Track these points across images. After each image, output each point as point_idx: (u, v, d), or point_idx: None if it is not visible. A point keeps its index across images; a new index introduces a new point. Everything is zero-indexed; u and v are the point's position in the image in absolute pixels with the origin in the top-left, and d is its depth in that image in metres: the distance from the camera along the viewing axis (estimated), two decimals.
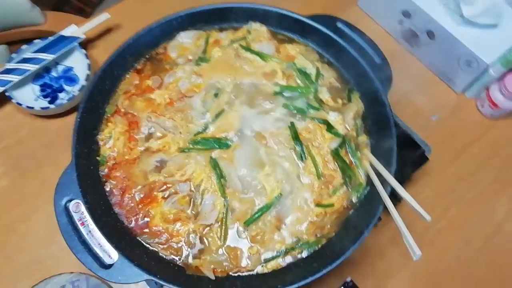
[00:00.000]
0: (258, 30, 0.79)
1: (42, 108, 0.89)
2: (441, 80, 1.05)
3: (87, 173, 0.66)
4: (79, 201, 0.62)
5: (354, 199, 0.69)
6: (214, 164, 0.68)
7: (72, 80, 1.00)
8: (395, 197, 0.64)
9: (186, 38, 0.80)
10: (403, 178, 0.73)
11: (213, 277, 0.62)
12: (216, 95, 0.74)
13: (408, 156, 0.80)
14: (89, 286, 0.78)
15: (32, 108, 0.88)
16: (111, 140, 0.71)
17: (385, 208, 0.82)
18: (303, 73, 0.76)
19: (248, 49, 0.77)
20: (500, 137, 0.98)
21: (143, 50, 0.78)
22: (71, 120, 0.94)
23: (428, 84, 1.05)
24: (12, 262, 0.79)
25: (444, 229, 0.87)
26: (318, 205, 0.67)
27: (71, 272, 0.78)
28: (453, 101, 1.03)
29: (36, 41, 0.97)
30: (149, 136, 0.71)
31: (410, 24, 1.02)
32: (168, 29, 0.79)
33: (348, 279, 0.76)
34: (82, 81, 0.92)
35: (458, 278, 0.83)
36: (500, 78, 0.94)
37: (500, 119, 1.00)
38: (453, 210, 0.90)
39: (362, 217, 0.65)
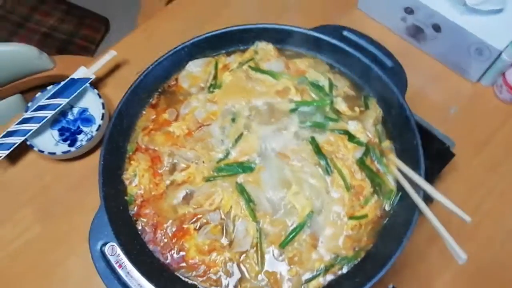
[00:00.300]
0: (264, 49, 0.80)
1: (64, 153, 0.91)
2: (453, 71, 1.03)
3: (118, 214, 0.66)
4: (114, 244, 0.62)
5: (387, 207, 0.68)
6: (241, 189, 0.68)
7: (88, 120, 1.01)
8: (427, 198, 0.62)
9: (195, 67, 0.80)
10: (432, 177, 0.72)
11: None
12: (233, 120, 0.74)
13: (433, 154, 0.78)
14: None
15: (54, 153, 0.90)
16: (136, 178, 0.71)
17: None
18: (316, 86, 0.76)
19: (257, 69, 0.78)
20: None
21: (155, 85, 0.79)
22: (92, 161, 0.96)
23: (441, 77, 1.04)
24: None
25: (482, 223, 0.85)
26: (351, 217, 0.66)
27: None
28: (469, 90, 1.02)
29: (49, 87, 0.99)
30: (173, 169, 0.72)
31: (413, 20, 1.01)
32: (177, 60, 0.80)
33: (391, 286, 0.75)
34: (98, 121, 0.94)
35: (504, 271, 0.81)
36: None
37: None
38: (487, 203, 0.88)
39: (398, 225, 0.64)
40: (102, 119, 0.94)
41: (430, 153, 0.69)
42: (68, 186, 0.93)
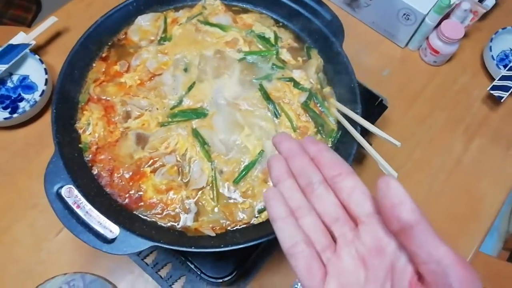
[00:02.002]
0: (212, 5, 0.83)
1: (5, 119, 0.88)
2: (385, 37, 1.13)
3: (73, 160, 0.67)
4: (71, 186, 0.63)
5: (329, 144, 0.75)
6: (196, 133, 0.71)
7: (30, 88, 0.99)
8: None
9: (144, 21, 0.82)
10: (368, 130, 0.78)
11: (213, 234, 0.65)
12: (185, 69, 0.76)
13: (369, 108, 0.86)
14: (86, 283, 0.79)
15: None
16: (90, 127, 0.72)
17: (357, 160, 0.90)
18: (263, 38, 0.80)
19: (207, 22, 0.81)
20: (445, 80, 1.08)
21: (105, 38, 0.80)
22: (37, 127, 0.94)
23: (374, 43, 1.13)
24: (1, 276, 0.79)
25: (412, 170, 0.96)
26: None
27: (65, 274, 0.78)
28: (399, 55, 1.12)
29: None
30: (127, 117, 0.73)
31: None
32: (125, 14, 0.80)
33: None
34: (42, 87, 0.92)
35: (431, 210, 0.91)
36: (436, 26, 1.03)
37: (442, 65, 1.10)
38: (417, 151, 0.98)
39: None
40: (45, 84, 0.92)
41: (366, 107, 0.76)
42: (11, 153, 0.91)
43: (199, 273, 0.71)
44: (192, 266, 0.72)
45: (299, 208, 0.39)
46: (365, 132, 0.69)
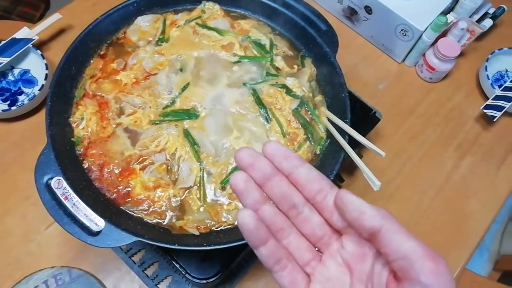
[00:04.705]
0: (211, 9, 0.85)
1: (4, 111, 0.90)
2: (383, 52, 1.15)
3: (64, 153, 0.68)
4: (60, 178, 0.64)
5: (318, 152, 0.76)
6: (186, 133, 0.73)
7: (30, 82, 1.01)
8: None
9: (144, 22, 0.84)
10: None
11: (197, 233, 0.66)
12: (181, 69, 0.78)
13: (362, 120, 0.87)
14: (72, 277, 0.79)
15: None
16: (84, 121, 0.73)
17: (348, 170, 0.91)
18: (258, 44, 0.82)
19: (204, 26, 0.83)
20: (440, 97, 1.10)
21: (104, 36, 0.81)
22: (34, 120, 0.96)
23: (371, 57, 1.15)
24: None
25: (402, 184, 0.96)
26: None
27: (52, 267, 0.79)
28: (396, 70, 1.14)
29: None
30: (120, 114, 0.75)
31: (349, 2, 1.11)
32: (126, 14, 0.82)
33: None
34: (41, 81, 0.94)
35: (418, 225, 0.92)
36: (433, 43, 1.05)
37: (437, 82, 1.11)
38: (407, 166, 0.99)
39: (327, 165, 0.72)
40: (45, 79, 0.94)
41: (358, 118, 0.77)
42: (7, 145, 0.92)
43: (184, 273, 0.71)
44: (178, 266, 0.72)
45: (281, 230, 0.38)
46: (355, 144, 0.70)
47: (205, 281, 0.71)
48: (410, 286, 0.31)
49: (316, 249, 0.39)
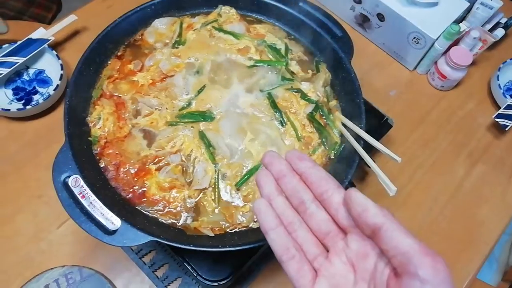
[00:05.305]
0: (227, 13, 0.86)
1: (18, 110, 0.91)
2: (394, 59, 1.16)
3: (81, 152, 0.69)
4: (77, 176, 0.64)
5: (332, 156, 0.76)
6: (202, 135, 0.73)
7: (45, 82, 1.02)
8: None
9: (161, 25, 0.85)
10: (372, 146, 0.80)
11: (212, 234, 0.66)
12: (197, 72, 0.79)
13: (374, 126, 0.88)
14: (83, 276, 0.79)
15: (8, 110, 0.89)
16: (101, 121, 0.74)
17: (359, 176, 0.91)
18: (274, 49, 0.83)
19: (221, 29, 0.84)
20: (451, 105, 1.10)
21: (122, 37, 0.82)
22: (48, 120, 0.96)
23: (383, 64, 1.16)
24: (1, 265, 0.80)
25: (413, 191, 0.96)
26: None
27: (63, 266, 0.79)
28: (407, 77, 1.14)
29: (4, 46, 0.98)
30: (137, 114, 0.75)
31: (361, 9, 1.12)
32: (143, 16, 0.83)
33: None
34: (56, 81, 0.95)
35: (429, 232, 0.92)
36: (445, 52, 1.05)
37: (449, 90, 1.12)
38: (419, 173, 0.99)
39: (341, 170, 0.72)
40: (60, 79, 0.95)
41: (371, 124, 0.78)
42: (21, 144, 0.93)
43: (195, 274, 0.71)
44: (189, 268, 0.72)
45: (291, 223, 0.42)
46: (369, 149, 0.71)
47: (216, 284, 0.71)
48: (409, 281, 0.32)
49: (323, 246, 0.42)
